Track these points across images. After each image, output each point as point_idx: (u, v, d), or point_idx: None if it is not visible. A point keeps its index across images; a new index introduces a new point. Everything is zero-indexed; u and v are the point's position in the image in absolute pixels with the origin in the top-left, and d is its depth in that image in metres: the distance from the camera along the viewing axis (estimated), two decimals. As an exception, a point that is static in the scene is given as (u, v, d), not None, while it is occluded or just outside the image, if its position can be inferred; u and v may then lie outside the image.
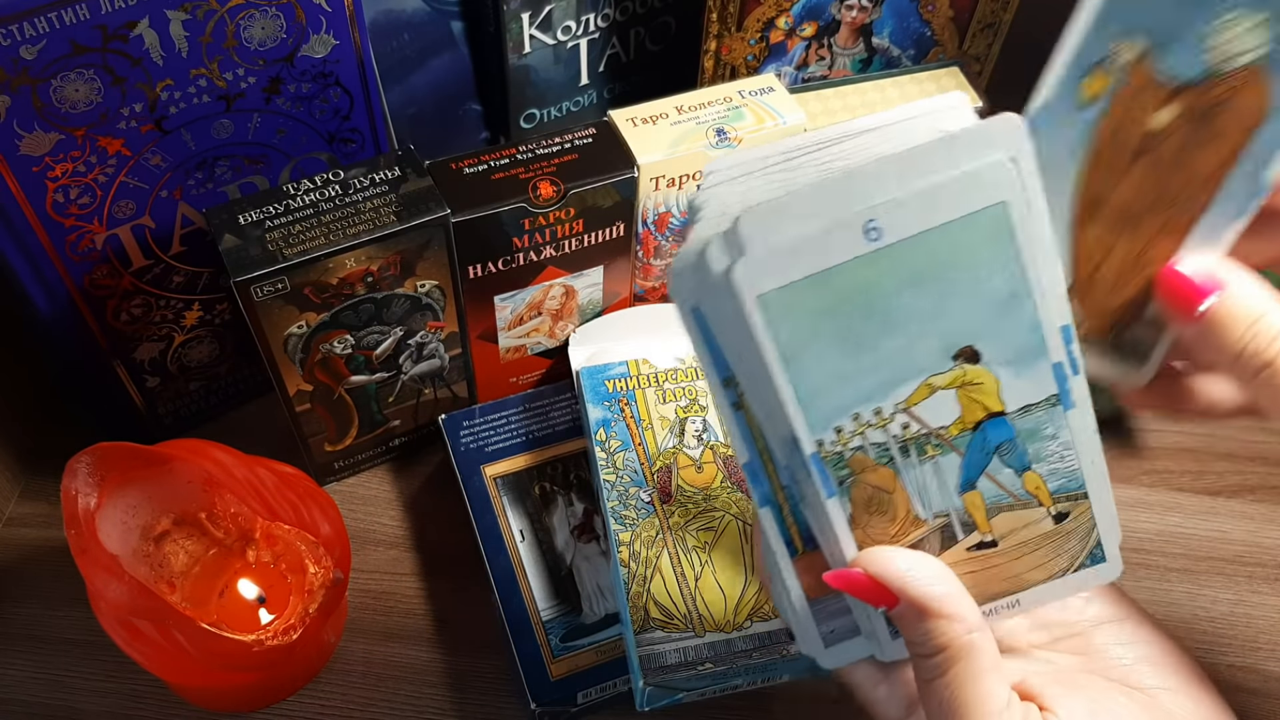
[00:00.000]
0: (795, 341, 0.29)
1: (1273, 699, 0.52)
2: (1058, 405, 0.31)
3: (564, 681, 0.48)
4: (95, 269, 0.50)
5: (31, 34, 0.41)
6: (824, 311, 0.29)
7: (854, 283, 0.29)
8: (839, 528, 0.31)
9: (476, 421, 0.57)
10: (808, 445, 0.30)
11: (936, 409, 0.31)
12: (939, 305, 0.29)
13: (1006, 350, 0.30)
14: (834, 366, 0.29)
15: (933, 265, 0.29)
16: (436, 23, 0.59)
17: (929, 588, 0.30)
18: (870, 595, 0.31)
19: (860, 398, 0.30)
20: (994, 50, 0.64)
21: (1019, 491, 0.32)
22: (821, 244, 0.28)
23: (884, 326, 0.29)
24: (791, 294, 0.28)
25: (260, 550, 0.51)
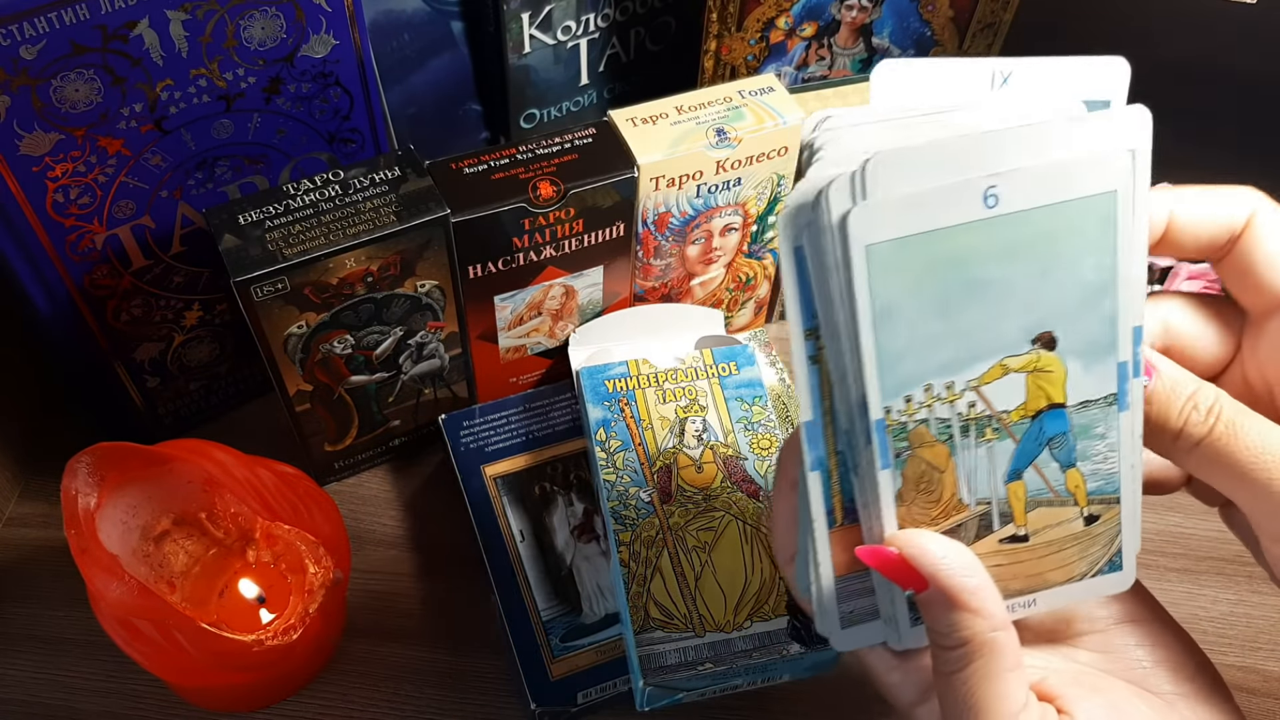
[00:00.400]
0: (891, 300, 0.28)
1: (1273, 699, 0.52)
2: (1114, 405, 0.31)
3: (564, 681, 0.48)
4: (95, 269, 0.50)
5: (31, 34, 0.41)
6: (925, 273, 0.29)
7: (960, 248, 0.29)
8: (885, 502, 0.31)
9: (476, 421, 0.57)
10: (876, 410, 0.30)
11: (1004, 392, 0.30)
12: (1032, 285, 0.29)
13: (1082, 341, 0.30)
14: (920, 332, 0.29)
15: (1037, 242, 0.29)
16: (436, 23, 0.59)
17: (963, 578, 0.30)
18: (902, 576, 0.30)
19: (936, 369, 0.30)
20: (994, 50, 0.64)
21: (1060, 488, 0.32)
22: (941, 202, 0.28)
23: (976, 297, 0.29)
24: (900, 249, 0.28)
25: (260, 550, 0.51)
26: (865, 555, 0.31)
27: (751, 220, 0.58)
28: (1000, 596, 0.31)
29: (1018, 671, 0.30)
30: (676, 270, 0.59)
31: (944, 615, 0.30)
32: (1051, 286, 0.30)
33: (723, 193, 0.55)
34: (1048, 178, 0.29)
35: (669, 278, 0.59)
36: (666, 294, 0.60)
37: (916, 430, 0.30)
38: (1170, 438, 0.31)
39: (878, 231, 0.28)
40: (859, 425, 0.30)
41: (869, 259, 0.28)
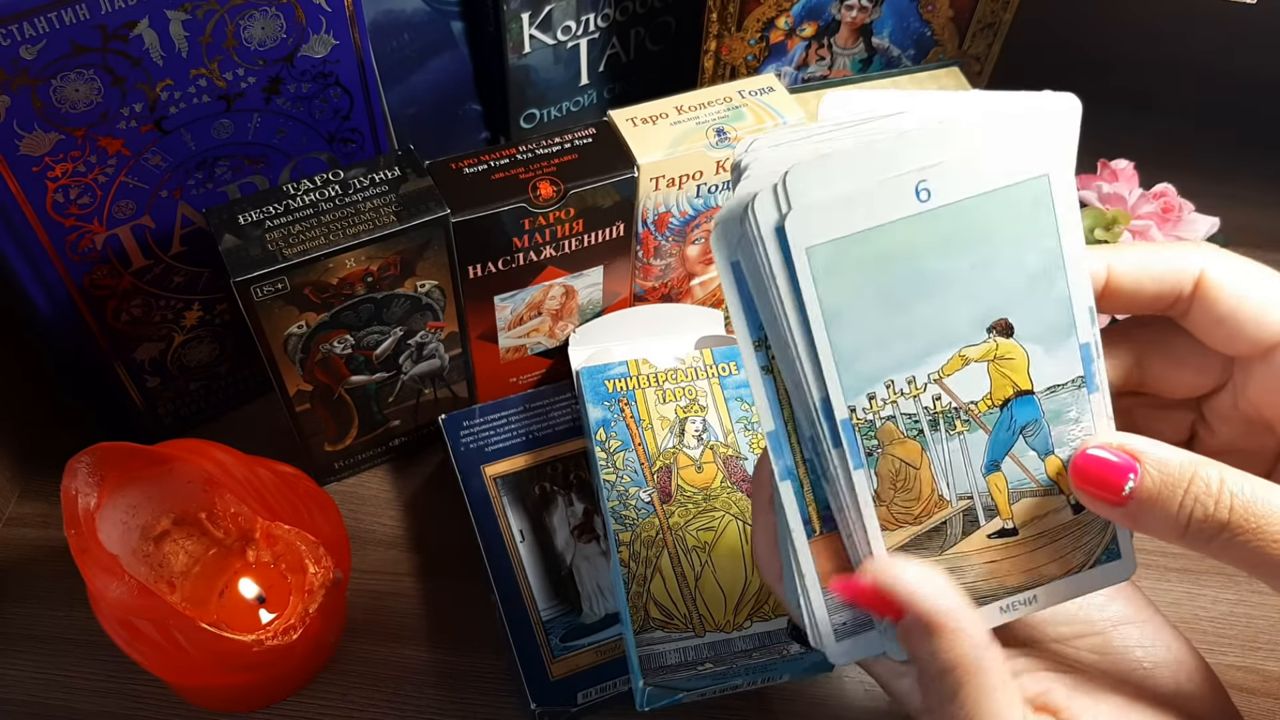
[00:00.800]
0: (838, 300, 0.29)
1: (1273, 699, 0.52)
2: (1083, 388, 0.31)
3: (564, 681, 0.48)
4: (95, 269, 0.50)
5: (31, 34, 0.41)
6: (868, 271, 0.29)
7: (899, 243, 0.29)
8: (863, 503, 0.31)
9: (476, 421, 0.57)
10: (840, 410, 0.30)
11: (968, 382, 0.31)
12: (978, 273, 0.30)
13: (1038, 326, 0.31)
14: (873, 330, 0.29)
15: (975, 232, 0.29)
16: (436, 23, 0.59)
17: (936, 601, 0.29)
18: (877, 606, 0.30)
19: (895, 364, 0.30)
20: (994, 50, 0.64)
21: (1041, 477, 0.32)
22: (872, 201, 0.28)
23: (923, 292, 0.29)
24: (839, 250, 0.28)
25: (260, 550, 0.51)
26: (839, 588, 0.31)
27: (751, 220, 0.58)
28: (978, 617, 0.30)
29: (1007, 688, 0.30)
30: (676, 270, 0.59)
31: (925, 642, 0.30)
32: (998, 274, 0.30)
33: (723, 193, 0.55)
34: (977, 168, 0.29)
35: (669, 278, 0.59)
36: (666, 294, 0.60)
37: (885, 428, 0.30)
38: (1177, 534, 0.29)
39: (814, 235, 0.28)
40: (824, 429, 0.30)
41: (810, 262, 0.28)
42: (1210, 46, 0.77)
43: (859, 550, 0.31)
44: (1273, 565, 0.28)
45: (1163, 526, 0.29)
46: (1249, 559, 0.29)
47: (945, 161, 0.29)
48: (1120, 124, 0.67)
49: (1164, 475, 0.29)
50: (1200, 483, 0.29)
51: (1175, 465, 0.29)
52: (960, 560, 0.32)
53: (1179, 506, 0.29)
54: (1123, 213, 0.55)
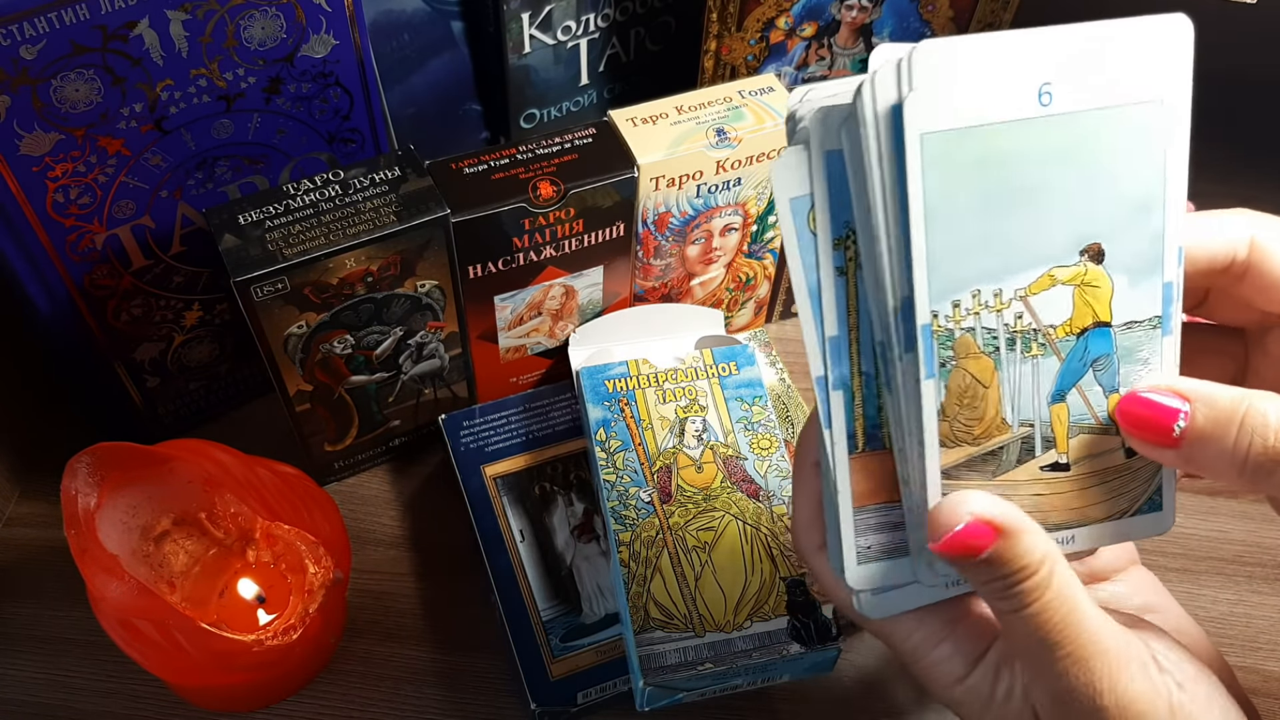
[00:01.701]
0: (941, 195, 0.28)
1: (1273, 699, 0.52)
2: (1158, 329, 0.31)
3: (564, 681, 0.48)
4: (95, 269, 0.50)
5: (31, 34, 0.41)
6: (976, 169, 0.28)
7: (1012, 146, 0.28)
8: (928, 415, 0.29)
9: (476, 421, 0.57)
10: (924, 315, 0.28)
11: (1051, 304, 0.30)
12: (1082, 191, 0.29)
13: (1129, 257, 0.30)
14: (968, 233, 0.28)
15: (1088, 147, 0.28)
16: (436, 23, 0.59)
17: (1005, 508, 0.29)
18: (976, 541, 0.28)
19: (984, 274, 0.29)
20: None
21: (1102, 414, 0.31)
22: (994, 95, 0.27)
23: (1024, 201, 0.28)
24: (952, 142, 0.27)
25: (260, 550, 0.51)
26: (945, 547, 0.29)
27: (751, 220, 0.58)
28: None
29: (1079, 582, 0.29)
30: (676, 270, 0.59)
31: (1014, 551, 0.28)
32: (1100, 196, 0.29)
33: (723, 193, 0.55)
34: (1103, 79, 0.28)
35: (669, 278, 0.59)
36: (666, 294, 0.60)
37: (962, 340, 0.29)
38: (1236, 471, 0.29)
39: (932, 121, 0.27)
40: (899, 333, 0.29)
41: (923, 149, 0.27)
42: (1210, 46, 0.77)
43: (911, 466, 0.30)
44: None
45: (1220, 464, 0.29)
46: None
47: (1074, 67, 0.28)
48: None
49: (1215, 411, 0.28)
50: (1256, 415, 0.28)
51: (1226, 401, 0.28)
52: (1010, 489, 0.31)
53: (1234, 442, 0.28)
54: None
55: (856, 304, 0.30)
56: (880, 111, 0.27)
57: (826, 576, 0.33)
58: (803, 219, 0.29)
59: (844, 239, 0.29)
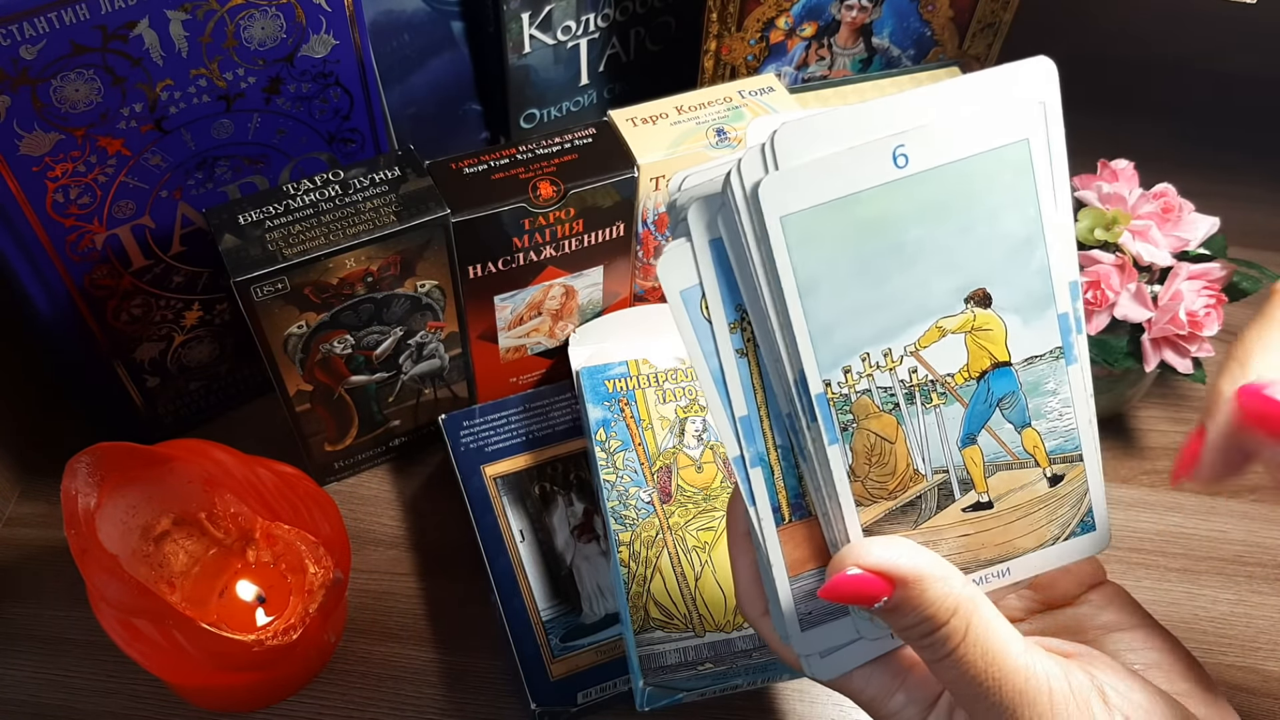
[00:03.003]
0: (814, 271, 0.28)
1: (1273, 699, 0.52)
2: (1061, 359, 0.31)
3: (564, 681, 0.48)
4: (95, 269, 0.50)
5: (31, 34, 0.41)
6: (844, 240, 0.29)
7: (876, 211, 0.28)
8: (838, 479, 0.30)
9: (476, 421, 0.57)
10: (815, 385, 0.29)
11: (944, 354, 0.30)
12: (956, 242, 0.29)
13: (1017, 296, 0.30)
14: (848, 301, 0.29)
15: (954, 199, 0.29)
16: (436, 23, 0.59)
17: (915, 560, 0.29)
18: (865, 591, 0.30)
19: (871, 337, 0.30)
20: (994, 50, 0.64)
21: (1018, 449, 0.32)
22: (850, 166, 0.28)
23: (900, 261, 0.29)
24: (815, 218, 0.28)
25: (260, 550, 0.51)
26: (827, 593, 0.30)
27: (751, 220, 0.58)
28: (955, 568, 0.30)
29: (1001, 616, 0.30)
30: (676, 270, 0.59)
31: (919, 602, 0.29)
32: (976, 243, 0.29)
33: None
34: (956, 132, 0.29)
35: (669, 278, 0.59)
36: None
37: (860, 402, 0.30)
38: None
39: (791, 201, 0.28)
40: (801, 404, 0.30)
41: (785, 230, 0.28)
42: (1210, 46, 0.77)
43: (834, 529, 0.31)
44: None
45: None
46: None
47: (925, 125, 0.28)
48: (1120, 124, 0.67)
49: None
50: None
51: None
52: (935, 535, 0.32)
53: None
54: (1123, 213, 0.55)
55: (761, 381, 0.30)
56: (748, 196, 0.28)
57: (774, 641, 0.34)
58: (695, 309, 0.30)
59: (739, 321, 0.30)
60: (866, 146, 0.28)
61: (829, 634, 0.33)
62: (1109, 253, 0.54)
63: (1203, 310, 0.54)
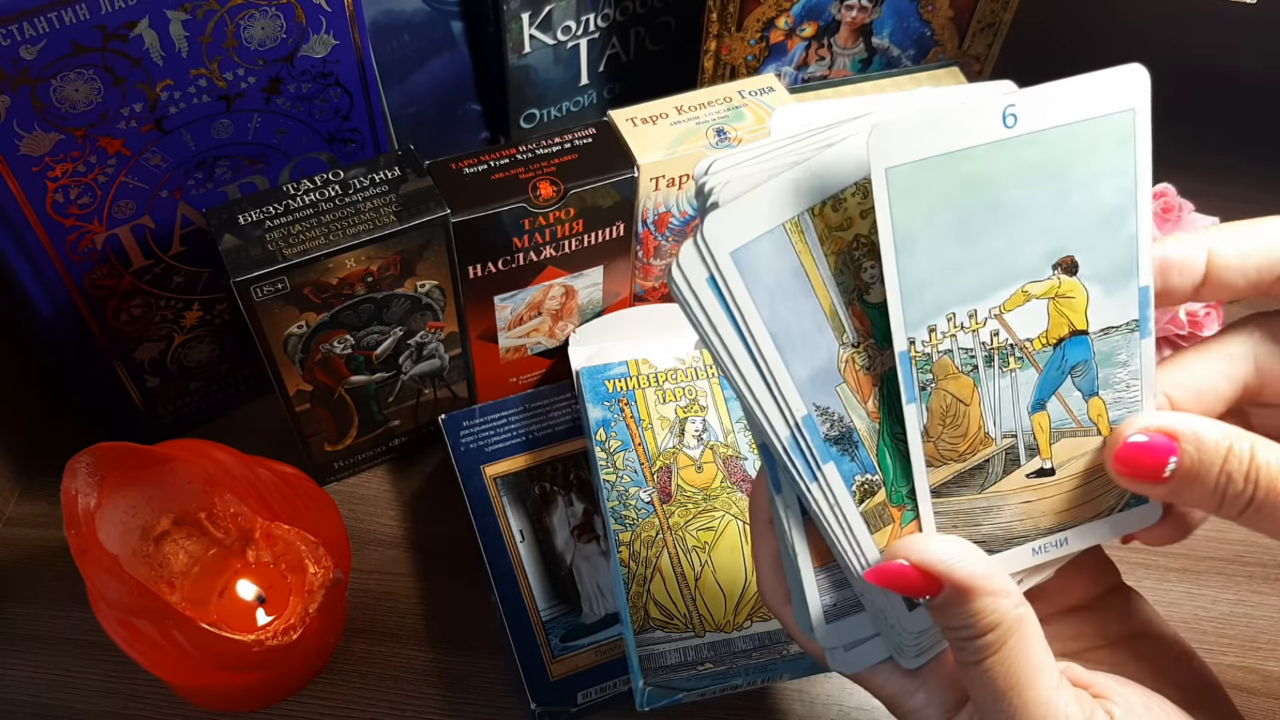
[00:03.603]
0: (912, 226, 0.28)
1: (1273, 699, 0.52)
2: (1135, 331, 0.31)
3: (564, 681, 0.48)
4: (95, 269, 0.50)
5: (31, 34, 0.41)
6: (946, 197, 0.28)
7: (980, 170, 0.28)
8: (913, 438, 0.30)
9: (476, 421, 0.57)
10: (900, 342, 0.29)
11: (1027, 319, 0.30)
12: (1052, 206, 0.29)
13: (1103, 266, 0.30)
14: (942, 259, 0.29)
15: (1056, 162, 0.29)
16: (436, 23, 0.59)
17: (972, 566, 0.29)
18: (916, 585, 0.29)
19: (959, 297, 0.30)
20: (994, 50, 0.64)
21: (1083, 417, 0.32)
22: (960, 121, 0.28)
23: (997, 222, 0.29)
24: (920, 172, 0.28)
25: (260, 550, 0.51)
26: (875, 577, 0.30)
27: (751, 220, 0.58)
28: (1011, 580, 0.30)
29: (1046, 646, 0.30)
30: (676, 270, 0.59)
31: (963, 608, 0.29)
32: (1072, 209, 0.29)
33: (723, 193, 0.55)
34: (1066, 97, 0.29)
35: (669, 278, 0.59)
36: (666, 294, 0.60)
37: (940, 362, 0.30)
38: (1214, 507, 0.30)
39: (896, 154, 0.28)
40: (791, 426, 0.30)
41: (889, 182, 0.28)
42: (1210, 46, 0.77)
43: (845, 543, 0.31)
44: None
45: (1200, 500, 0.30)
46: (1274, 528, 0.29)
47: (1037, 88, 0.28)
48: (1120, 124, 0.67)
49: (1200, 453, 0.29)
50: (1234, 458, 0.29)
51: (1211, 441, 0.29)
52: (998, 500, 0.32)
53: (1214, 483, 0.29)
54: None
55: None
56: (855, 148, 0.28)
57: (797, 632, 0.34)
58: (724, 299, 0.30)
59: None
60: (978, 104, 0.28)
61: (853, 627, 0.32)
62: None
63: (1202, 310, 0.54)
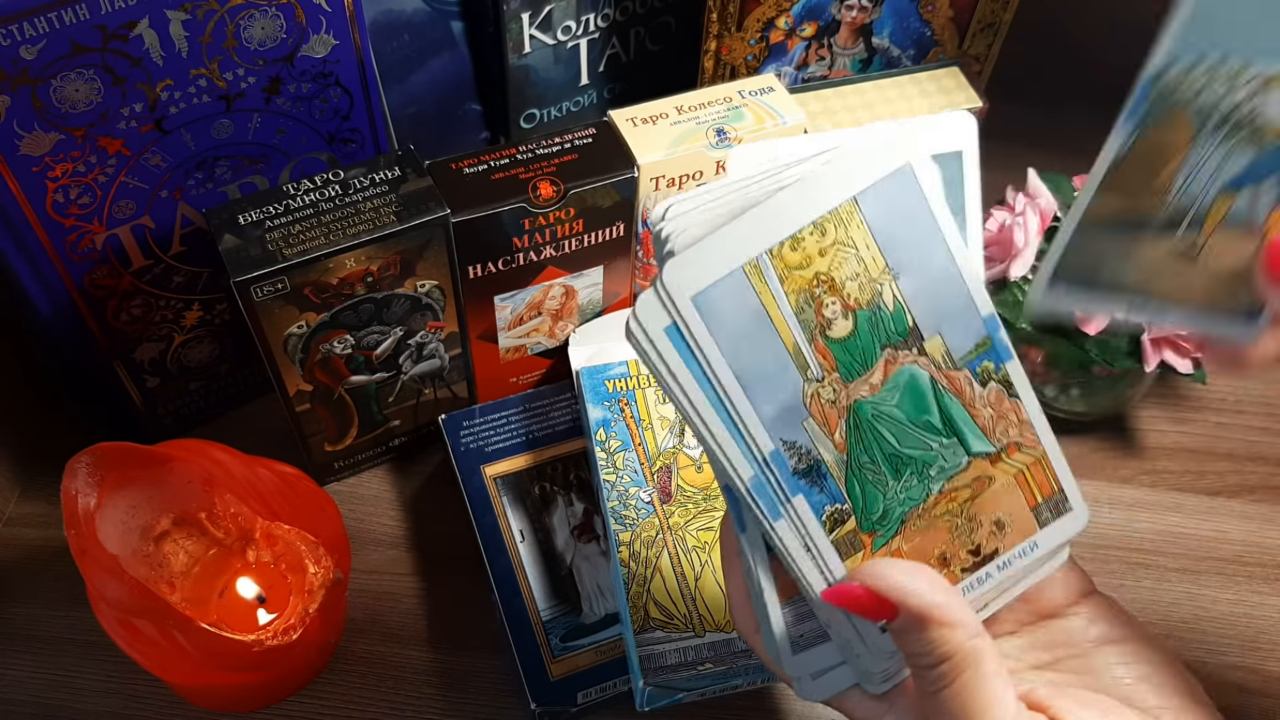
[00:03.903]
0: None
1: (1273, 699, 0.52)
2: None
3: (564, 681, 0.48)
4: (95, 269, 0.50)
5: (31, 34, 0.41)
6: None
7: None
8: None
9: (476, 421, 0.57)
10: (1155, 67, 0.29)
11: (1277, 105, 0.30)
12: None
13: None
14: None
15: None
16: (436, 23, 0.59)
17: (930, 596, 0.30)
18: (870, 609, 0.30)
19: (1243, 44, 0.29)
20: (994, 50, 0.64)
21: (1259, 218, 0.31)
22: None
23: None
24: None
25: (260, 550, 0.51)
26: (831, 597, 0.31)
27: (751, 220, 0.58)
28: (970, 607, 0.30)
29: (1002, 677, 0.30)
30: (676, 270, 0.59)
31: (920, 636, 0.30)
32: None
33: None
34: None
35: (669, 278, 0.59)
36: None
37: (1181, 94, 0.30)
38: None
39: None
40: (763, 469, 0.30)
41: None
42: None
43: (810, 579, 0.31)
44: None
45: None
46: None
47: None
48: (1120, 124, 0.67)
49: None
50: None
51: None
52: (1134, 250, 0.32)
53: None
54: (1123, 212, 0.55)
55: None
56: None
57: (767, 659, 0.34)
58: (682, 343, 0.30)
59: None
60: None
61: (820, 656, 0.33)
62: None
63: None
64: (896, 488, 0.32)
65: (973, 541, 0.33)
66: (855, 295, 0.31)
